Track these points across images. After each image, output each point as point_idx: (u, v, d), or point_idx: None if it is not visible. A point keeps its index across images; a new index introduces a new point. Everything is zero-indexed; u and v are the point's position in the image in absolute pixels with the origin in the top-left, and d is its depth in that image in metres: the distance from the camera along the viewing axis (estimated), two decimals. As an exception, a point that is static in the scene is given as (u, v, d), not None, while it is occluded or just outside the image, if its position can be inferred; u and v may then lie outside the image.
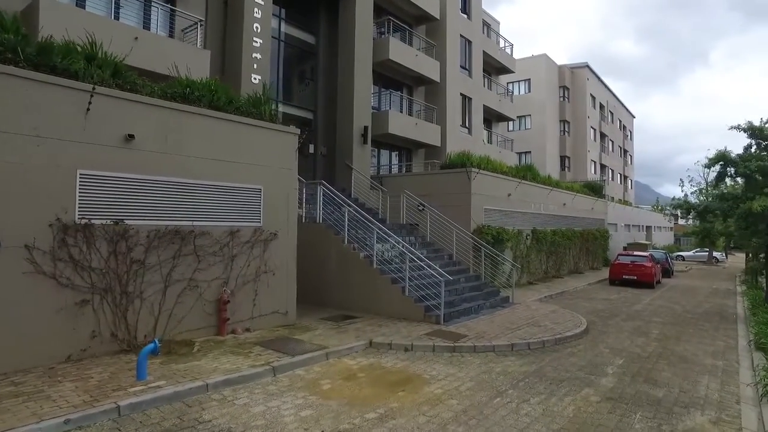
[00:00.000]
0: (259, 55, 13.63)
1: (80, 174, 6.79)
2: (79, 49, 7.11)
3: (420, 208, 16.10)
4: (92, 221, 6.91)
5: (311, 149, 17.39)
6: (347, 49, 17.01)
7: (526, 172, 19.83)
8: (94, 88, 6.70)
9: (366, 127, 17.01)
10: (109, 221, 7.11)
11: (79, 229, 6.76)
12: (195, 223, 8.22)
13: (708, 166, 13.97)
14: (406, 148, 21.27)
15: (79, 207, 6.79)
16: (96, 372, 6.23)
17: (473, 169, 15.71)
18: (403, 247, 10.84)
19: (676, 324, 11.68)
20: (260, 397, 5.96)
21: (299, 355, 7.45)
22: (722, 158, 13.71)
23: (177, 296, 7.96)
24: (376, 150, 19.89)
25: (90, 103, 6.70)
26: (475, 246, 14.55)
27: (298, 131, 10.07)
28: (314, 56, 17.64)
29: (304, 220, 12.32)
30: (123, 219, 7.28)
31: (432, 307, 10.06)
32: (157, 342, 6.13)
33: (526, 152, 37.72)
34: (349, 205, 11.64)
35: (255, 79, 13.44)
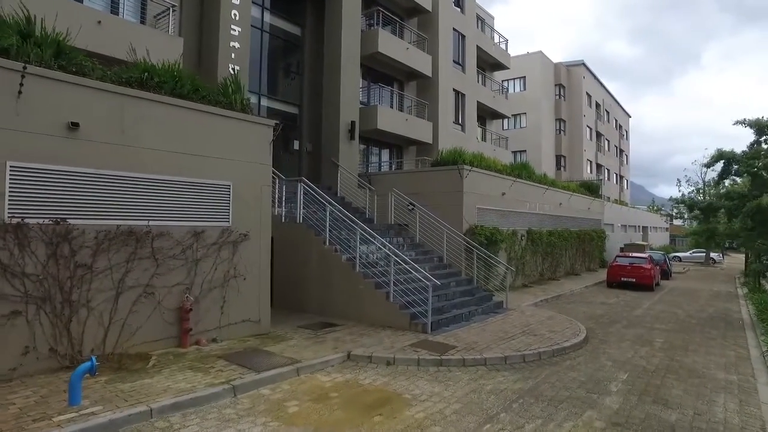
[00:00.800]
0: (237, 44, 12.80)
1: (10, 166, 5.93)
2: (10, 22, 6.25)
3: (410, 207, 15.33)
4: (26, 220, 6.05)
5: (296, 146, 16.58)
6: (334, 40, 16.20)
7: (521, 171, 19.08)
8: (24, 68, 5.85)
9: (353, 123, 16.20)
10: (48, 220, 6.26)
11: (9, 229, 5.90)
12: (153, 222, 7.38)
13: (708, 165, 13.28)
14: (396, 145, 20.48)
15: (9, 204, 5.93)
16: (22, 396, 5.37)
17: (465, 167, 14.93)
18: (388, 249, 10.02)
19: (680, 331, 10.92)
20: (213, 423, 5.13)
21: (266, 371, 6.63)
22: (722, 157, 13.02)
23: (131, 304, 7.11)
24: (365, 147, 19.10)
25: (21, 84, 5.85)
26: (468, 248, 13.78)
27: (273, 122, 9.25)
28: (300, 48, 16.83)
29: (283, 220, 11.54)
30: (65, 218, 6.43)
31: (418, 315, 9.26)
32: (94, 360, 5.28)
33: (521, 151, 36.99)
34: (331, 204, 10.82)
35: (233, 69, 12.60)
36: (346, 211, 10.65)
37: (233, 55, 12.70)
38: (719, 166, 12.91)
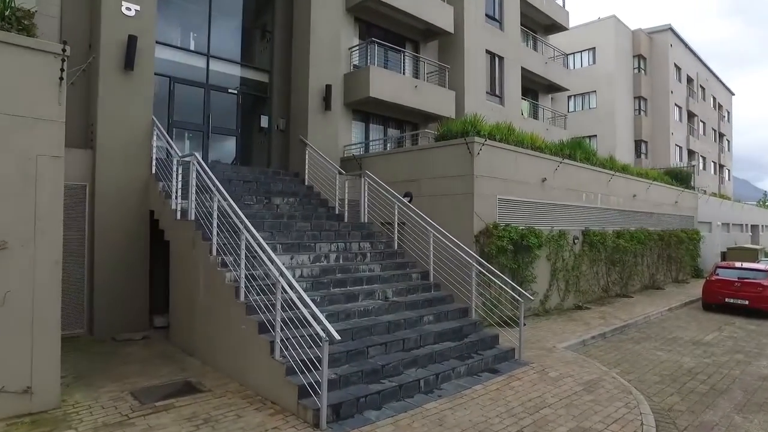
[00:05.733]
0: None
1: None
2: None
3: (406, 199, 11.08)
4: None
5: (264, 122, 12.81)
6: (304, -22, 12.23)
7: (574, 150, 13.94)
8: None
9: (328, 87, 12.11)
10: None
11: None
12: None
13: None
14: (409, 122, 16.07)
15: None
16: None
17: (477, 139, 10.29)
18: (275, 265, 5.68)
19: None
20: None
21: None
22: None
23: None
24: (363, 124, 14.92)
25: None
26: (480, 258, 9.15)
27: (61, 49, 5.31)
28: (272, 1, 13.03)
29: (178, 217, 7.74)
30: None
31: (311, 389, 4.92)
32: None
33: (590, 136, 30.80)
34: (220, 193, 6.79)
35: (129, 10, 9.00)
36: (234, 205, 6.51)
37: (129, -13, 9.10)
38: None
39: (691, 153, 37.51)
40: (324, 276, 7.30)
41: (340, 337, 4.64)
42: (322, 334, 4.63)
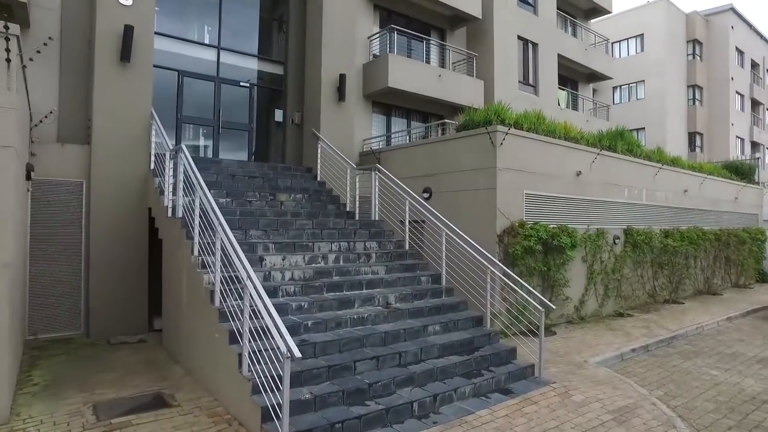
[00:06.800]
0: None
1: None
2: None
3: (425, 195, 10.36)
4: None
5: (279, 116, 12.29)
6: (317, -38, 11.60)
7: (614, 141, 12.60)
8: None
9: (342, 77, 11.42)
10: None
11: None
12: None
13: None
14: (435, 113, 15.15)
15: None
16: None
17: (500, 128, 9.31)
18: (245, 265, 4.95)
19: None
20: None
21: None
22: None
23: None
24: (385, 116, 14.14)
25: None
26: (502, 259, 8.20)
27: (3, 26, 4.76)
28: (287, -10, 12.48)
29: (169, 214, 7.26)
30: None
31: (273, 412, 4.19)
32: None
33: (638, 129, 28.72)
34: (202, 189, 6.20)
35: (126, -4, 8.62)
36: (212, 200, 5.89)
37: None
38: None
39: (755, 145, 34.41)
40: (318, 279, 6.59)
41: (300, 354, 3.88)
42: (282, 348, 3.89)
